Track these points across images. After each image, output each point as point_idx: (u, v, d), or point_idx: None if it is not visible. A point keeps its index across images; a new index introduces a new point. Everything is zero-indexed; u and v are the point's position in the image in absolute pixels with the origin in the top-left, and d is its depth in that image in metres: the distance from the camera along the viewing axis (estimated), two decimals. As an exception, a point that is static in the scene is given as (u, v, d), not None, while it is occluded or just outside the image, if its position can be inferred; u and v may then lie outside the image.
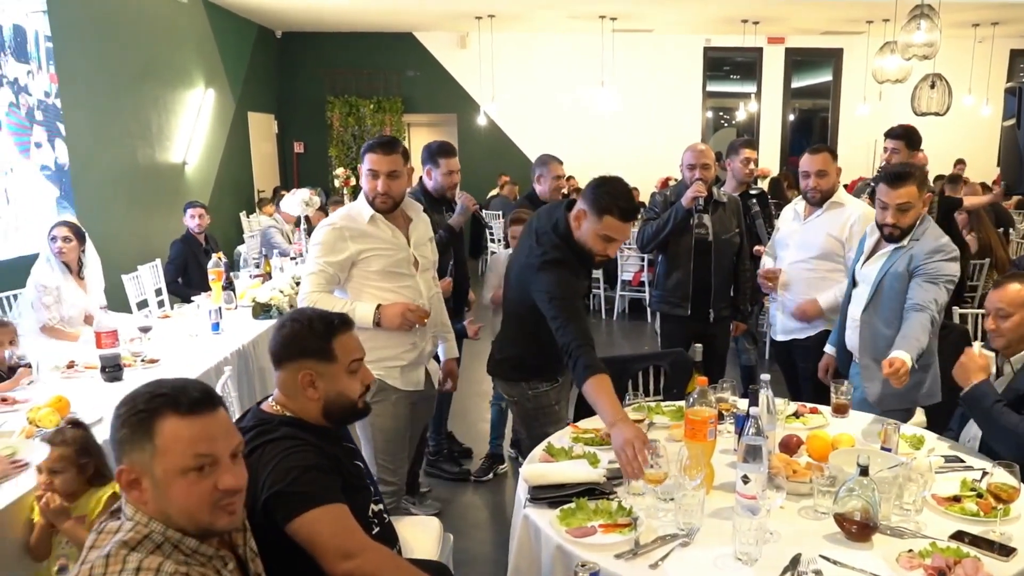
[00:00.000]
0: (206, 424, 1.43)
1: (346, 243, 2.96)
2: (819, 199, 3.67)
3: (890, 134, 4.48)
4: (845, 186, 6.49)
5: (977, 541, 1.92)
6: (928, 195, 3.10)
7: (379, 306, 2.96)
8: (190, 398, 1.42)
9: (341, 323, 2.07)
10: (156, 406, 1.40)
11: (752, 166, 4.80)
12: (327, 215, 8.64)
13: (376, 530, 2.05)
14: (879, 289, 3.07)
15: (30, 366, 3.52)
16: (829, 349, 3.46)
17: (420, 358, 3.15)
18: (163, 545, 1.39)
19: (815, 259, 3.71)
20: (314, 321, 2.03)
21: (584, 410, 3.13)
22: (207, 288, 5.06)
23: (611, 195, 2.68)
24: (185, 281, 6.15)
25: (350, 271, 3.00)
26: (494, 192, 11.78)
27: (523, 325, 2.93)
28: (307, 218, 7.07)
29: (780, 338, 3.94)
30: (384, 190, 2.96)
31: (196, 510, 1.41)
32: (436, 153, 4.07)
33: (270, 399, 2.04)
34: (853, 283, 3.28)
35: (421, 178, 4.19)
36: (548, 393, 3.02)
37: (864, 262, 3.21)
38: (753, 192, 4.86)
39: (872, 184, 3.17)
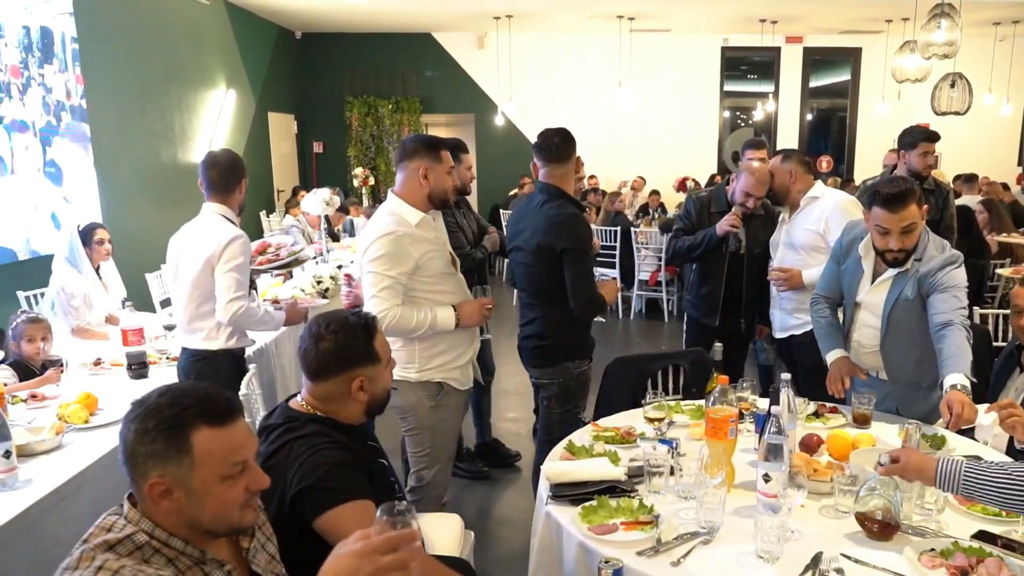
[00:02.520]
0: (236, 433, 1.47)
1: (409, 250, 2.83)
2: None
3: (930, 138, 4.51)
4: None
5: (1000, 541, 1.92)
6: (925, 207, 2.83)
7: (455, 307, 2.93)
8: (219, 408, 1.45)
9: (373, 321, 2.10)
10: (187, 418, 1.42)
11: None
12: (347, 214, 8.65)
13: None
14: (891, 320, 2.88)
15: (62, 366, 3.57)
16: (833, 359, 3.04)
17: (474, 354, 3.15)
18: (144, 547, 1.39)
19: (802, 253, 3.78)
20: (355, 326, 2.03)
21: (602, 408, 3.18)
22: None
23: (566, 138, 3.23)
24: None
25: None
26: (514, 192, 11.80)
27: (553, 301, 3.20)
28: (327, 218, 7.12)
29: (779, 335, 3.99)
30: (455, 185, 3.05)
31: (228, 511, 1.46)
32: (456, 150, 4.11)
33: (298, 396, 2.07)
34: (853, 305, 3.06)
35: None
36: (587, 371, 3.36)
37: (868, 288, 2.97)
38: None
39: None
